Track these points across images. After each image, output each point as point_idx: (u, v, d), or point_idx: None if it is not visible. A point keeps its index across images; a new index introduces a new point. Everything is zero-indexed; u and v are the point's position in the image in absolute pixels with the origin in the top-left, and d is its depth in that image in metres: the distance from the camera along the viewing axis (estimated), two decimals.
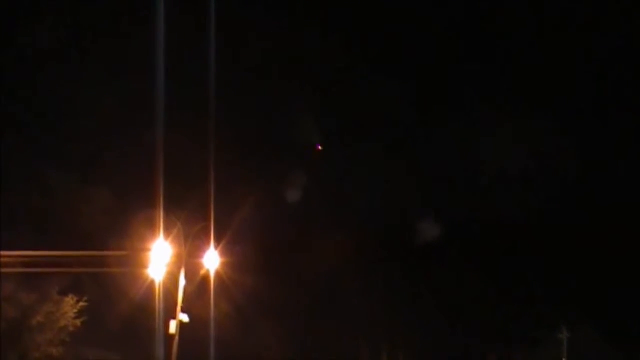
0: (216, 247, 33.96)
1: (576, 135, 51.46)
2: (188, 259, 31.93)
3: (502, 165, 50.92)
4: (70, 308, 40.03)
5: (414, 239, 55.47)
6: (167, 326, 33.32)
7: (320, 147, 52.32)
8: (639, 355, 46.65)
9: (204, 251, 32.80)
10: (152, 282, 33.14)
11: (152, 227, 33.75)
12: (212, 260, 31.51)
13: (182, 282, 32.18)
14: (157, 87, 39.67)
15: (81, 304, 40.37)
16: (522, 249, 53.39)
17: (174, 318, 32.87)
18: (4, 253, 31.64)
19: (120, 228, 40.54)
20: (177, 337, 31.67)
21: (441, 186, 54.72)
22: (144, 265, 32.23)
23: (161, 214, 32.81)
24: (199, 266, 33.53)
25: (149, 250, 31.72)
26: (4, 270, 33.14)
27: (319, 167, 55.34)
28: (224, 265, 35.88)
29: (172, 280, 32.21)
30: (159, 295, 34.01)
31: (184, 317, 33.03)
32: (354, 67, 52.34)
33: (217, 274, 34.97)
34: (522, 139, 50.97)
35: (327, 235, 51.36)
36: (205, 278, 35.85)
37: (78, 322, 40.27)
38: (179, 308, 31.47)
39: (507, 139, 49.80)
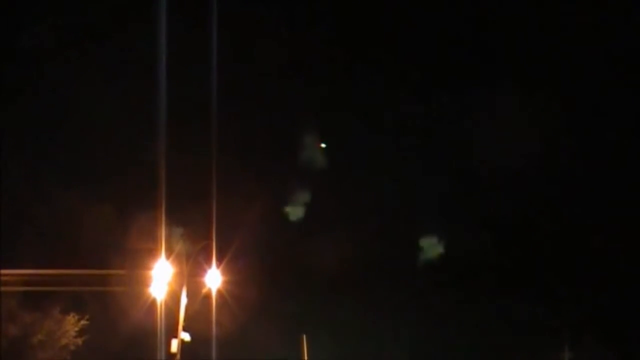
0: (218, 266, 33.85)
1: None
2: (190, 278, 31.80)
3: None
4: (71, 326, 40.02)
5: (420, 257, 55.60)
6: (168, 345, 33.11)
7: (322, 145, 52.25)
8: None
9: (206, 269, 32.67)
10: (154, 301, 33.02)
11: (153, 245, 33.70)
12: (213, 278, 31.36)
13: (184, 300, 32.04)
14: (159, 99, 39.75)
15: (82, 322, 40.44)
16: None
17: (176, 337, 32.68)
18: (4, 271, 31.60)
19: (122, 246, 40.50)
20: (178, 356, 31.47)
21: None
22: (145, 284, 32.10)
23: (162, 232, 32.74)
24: (200, 284, 33.43)
25: (150, 268, 31.58)
26: (4, 288, 33.10)
27: (323, 180, 55.35)
28: (226, 283, 35.82)
29: (174, 298, 32.05)
30: (160, 314, 33.91)
31: (186, 336, 32.89)
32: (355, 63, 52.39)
33: (219, 292, 34.87)
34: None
35: (332, 250, 51.42)
36: (207, 296, 35.78)
37: (79, 341, 40.34)
38: (180, 327, 31.29)
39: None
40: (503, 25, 52.87)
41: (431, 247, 56.27)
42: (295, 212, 57.43)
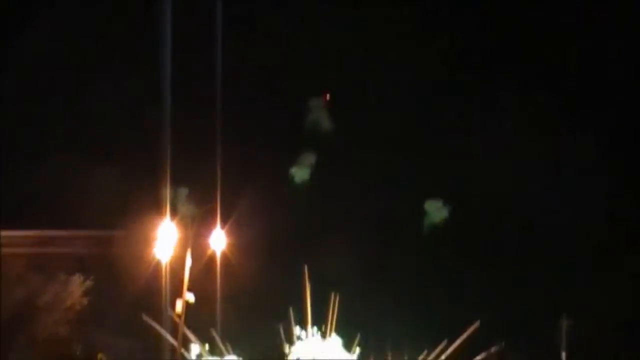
0: (222, 227, 33.94)
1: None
2: (194, 239, 31.89)
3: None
4: (76, 287, 40.31)
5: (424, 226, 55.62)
6: (173, 306, 33.29)
7: (328, 96, 52.19)
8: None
9: (211, 232, 32.77)
10: (158, 262, 33.16)
11: (158, 208, 33.76)
12: (218, 240, 31.44)
13: (189, 262, 32.14)
14: (164, 65, 39.66)
15: (87, 283, 40.70)
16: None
17: (180, 298, 32.84)
18: (9, 233, 31.72)
19: (126, 207, 40.60)
20: (183, 317, 31.64)
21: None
22: (150, 246, 32.19)
23: (167, 193, 32.80)
24: (205, 247, 33.57)
25: (155, 230, 31.65)
26: (9, 250, 33.28)
27: (329, 145, 55.28)
28: (230, 246, 35.97)
29: (179, 260, 32.14)
30: (165, 275, 34.09)
31: (190, 297, 33.06)
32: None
33: (224, 254, 35.04)
34: None
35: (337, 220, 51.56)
36: (212, 258, 35.95)
37: (85, 301, 40.61)
38: (184, 288, 31.44)
39: None
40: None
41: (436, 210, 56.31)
42: (300, 173, 57.48)
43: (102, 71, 44.78)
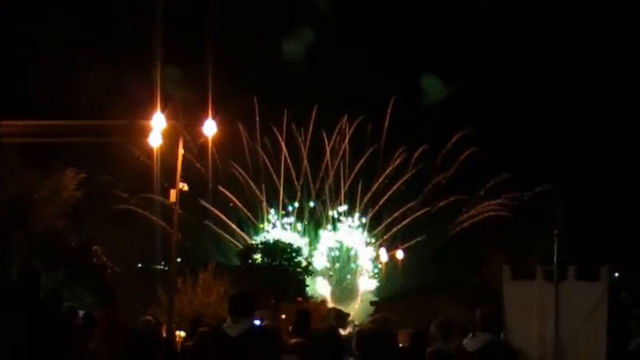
0: (214, 117, 34.27)
1: None
2: (186, 127, 32.24)
3: None
4: (70, 180, 40.86)
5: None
6: (167, 194, 33.70)
7: None
8: None
9: (202, 119, 33.05)
10: (151, 151, 33.48)
11: (150, 98, 34.07)
12: (210, 127, 31.72)
13: (181, 150, 32.50)
14: None
15: (81, 175, 41.27)
16: None
17: (174, 187, 33.23)
18: (3, 122, 31.88)
19: (119, 95, 41.05)
20: (177, 205, 32.02)
21: None
22: (143, 134, 32.49)
23: (159, 79, 33.09)
24: (198, 135, 33.88)
25: (148, 119, 31.93)
26: (4, 140, 33.49)
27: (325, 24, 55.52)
28: (222, 133, 36.44)
29: (171, 149, 32.45)
30: (157, 164, 34.55)
31: (184, 186, 33.39)
32: None
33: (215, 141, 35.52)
34: None
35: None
36: (204, 146, 36.43)
37: (79, 194, 41.19)
38: (178, 176, 31.75)
39: None
40: None
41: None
42: (292, 48, 58.00)
43: None
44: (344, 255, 63.86)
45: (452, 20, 58.29)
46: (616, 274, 31.93)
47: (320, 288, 60.55)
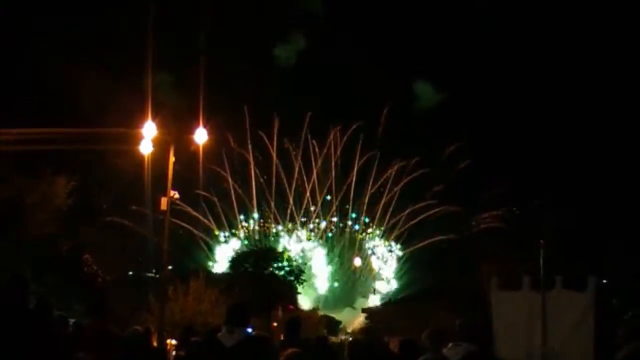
0: (205, 125, 34.26)
1: None
2: (177, 135, 32.16)
3: None
4: (61, 188, 40.76)
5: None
6: (158, 203, 33.67)
7: None
8: None
9: (193, 127, 33.06)
10: (143, 160, 33.44)
11: (142, 106, 34.09)
12: (201, 135, 31.72)
13: (172, 158, 32.49)
14: None
15: (72, 183, 41.17)
16: None
17: (165, 195, 33.21)
18: None
19: (112, 107, 40.99)
20: (168, 213, 32.00)
21: None
22: (135, 143, 32.48)
23: (150, 85, 33.09)
24: (189, 143, 33.83)
25: (139, 128, 31.93)
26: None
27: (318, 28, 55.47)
28: (212, 141, 36.38)
29: (163, 157, 32.43)
30: (148, 171, 34.45)
31: (175, 194, 33.37)
32: None
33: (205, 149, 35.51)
34: None
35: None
36: (195, 154, 36.35)
37: (70, 202, 41.11)
38: (169, 184, 31.74)
39: None
40: None
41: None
42: (284, 53, 57.95)
43: None
44: (336, 263, 63.99)
45: (446, 30, 58.42)
46: (604, 281, 32.01)
47: (311, 295, 60.54)
